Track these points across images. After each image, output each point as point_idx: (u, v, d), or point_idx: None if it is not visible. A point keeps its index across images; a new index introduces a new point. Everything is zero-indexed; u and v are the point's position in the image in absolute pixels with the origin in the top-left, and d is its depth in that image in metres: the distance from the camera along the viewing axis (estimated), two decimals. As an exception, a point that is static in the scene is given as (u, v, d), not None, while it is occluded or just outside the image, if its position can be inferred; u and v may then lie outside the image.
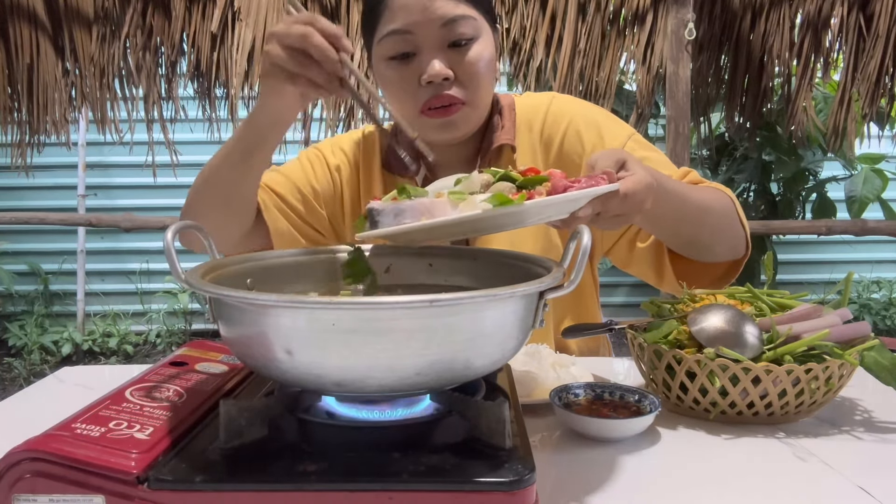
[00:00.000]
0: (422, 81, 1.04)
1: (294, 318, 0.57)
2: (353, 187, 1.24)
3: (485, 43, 1.07)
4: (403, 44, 1.04)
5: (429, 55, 1.03)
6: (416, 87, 1.06)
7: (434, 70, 1.02)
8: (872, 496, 0.68)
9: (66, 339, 4.42)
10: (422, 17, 1.02)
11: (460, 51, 1.04)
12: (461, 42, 1.04)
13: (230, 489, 0.55)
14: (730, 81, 2.96)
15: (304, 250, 0.86)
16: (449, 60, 1.04)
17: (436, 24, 1.02)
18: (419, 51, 1.04)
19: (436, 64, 1.03)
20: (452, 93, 1.05)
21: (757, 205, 4.12)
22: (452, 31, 1.03)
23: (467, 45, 1.04)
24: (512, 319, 0.63)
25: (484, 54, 1.06)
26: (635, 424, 0.81)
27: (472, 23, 1.04)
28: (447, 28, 1.03)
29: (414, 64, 1.05)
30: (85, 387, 1.03)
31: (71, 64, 2.86)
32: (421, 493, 0.54)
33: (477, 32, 1.05)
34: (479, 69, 1.06)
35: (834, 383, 0.85)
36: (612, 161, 0.82)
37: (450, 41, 1.04)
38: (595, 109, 1.21)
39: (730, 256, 1.12)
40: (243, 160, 1.02)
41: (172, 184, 3.71)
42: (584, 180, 0.76)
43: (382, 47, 1.06)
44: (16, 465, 0.56)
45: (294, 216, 1.21)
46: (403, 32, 1.03)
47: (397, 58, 1.05)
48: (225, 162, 1.04)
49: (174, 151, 2.98)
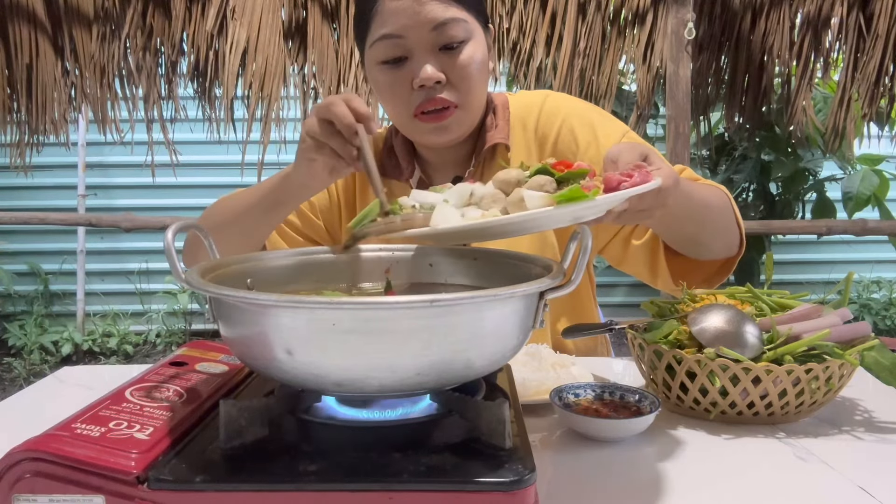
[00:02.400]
0: (414, 85, 1.04)
1: (294, 318, 0.57)
2: (348, 194, 1.25)
3: (476, 44, 1.06)
4: (395, 48, 1.04)
5: (420, 59, 1.03)
6: (408, 91, 1.06)
7: (426, 74, 1.02)
8: (872, 496, 0.68)
9: (66, 339, 4.42)
10: (412, 22, 1.02)
11: (452, 53, 1.04)
12: (452, 45, 1.04)
13: (230, 489, 0.55)
14: (730, 81, 2.96)
15: (304, 250, 0.86)
16: (441, 64, 1.04)
17: (426, 28, 1.02)
18: (411, 55, 1.04)
19: (427, 68, 1.03)
20: (445, 96, 1.05)
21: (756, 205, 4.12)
22: (443, 34, 1.03)
23: (459, 48, 1.04)
24: (512, 319, 0.63)
25: (476, 56, 1.06)
26: (635, 424, 0.81)
27: (464, 25, 1.04)
28: (438, 31, 1.02)
29: (406, 68, 1.05)
30: (85, 387, 1.03)
31: (71, 64, 2.85)
32: (421, 493, 0.54)
33: (468, 34, 1.05)
34: (471, 72, 1.06)
35: (834, 383, 0.85)
36: (637, 155, 0.80)
37: (441, 44, 1.04)
38: (589, 107, 1.20)
39: (725, 254, 1.13)
40: (267, 212, 1.04)
41: (172, 184, 3.73)
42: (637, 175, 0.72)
43: (374, 52, 1.06)
44: (16, 465, 0.56)
45: (291, 231, 1.23)
46: (395, 37, 1.03)
47: (389, 62, 1.05)
48: (250, 211, 1.05)
49: (174, 151, 2.98)
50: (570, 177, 0.72)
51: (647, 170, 0.74)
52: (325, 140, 0.87)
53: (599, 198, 0.67)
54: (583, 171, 0.72)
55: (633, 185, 0.70)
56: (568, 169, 0.73)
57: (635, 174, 0.72)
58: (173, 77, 2.88)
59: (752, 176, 4.01)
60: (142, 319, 4.76)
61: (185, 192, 4.61)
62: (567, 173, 0.72)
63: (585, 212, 0.70)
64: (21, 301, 4.71)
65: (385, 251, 0.87)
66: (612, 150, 0.81)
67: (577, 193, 0.66)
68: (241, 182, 5.22)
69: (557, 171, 0.73)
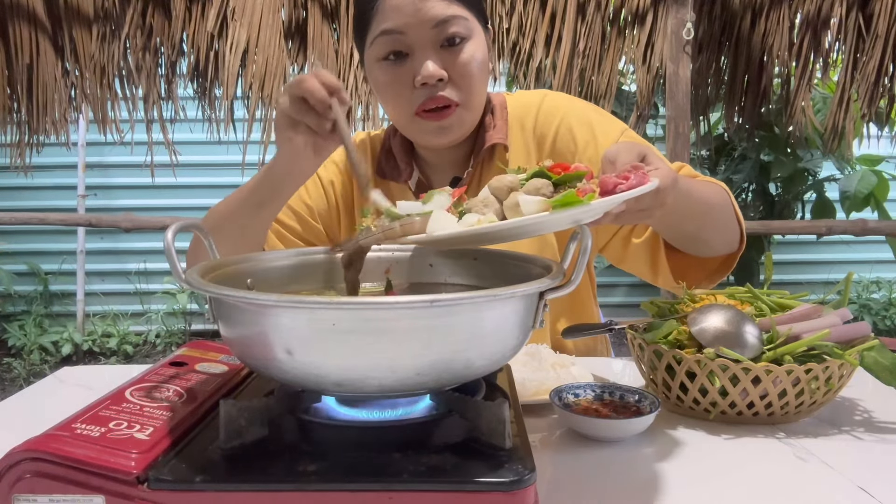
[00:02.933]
0: (416, 83, 1.04)
1: (294, 318, 0.57)
2: (346, 197, 1.25)
3: (477, 43, 1.06)
4: (395, 44, 1.04)
5: (422, 56, 1.03)
6: (410, 89, 1.05)
7: (428, 71, 1.02)
8: (872, 496, 0.68)
9: (66, 340, 4.42)
10: (414, 18, 1.01)
11: (453, 51, 1.04)
12: (454, 42, 1.04)
13: (230, 489, 0.55)
14: (729, 81, 2.96)
15: (304, 250, 0.86)
16: (442, 61, 1.04)
17: (428, 25, 1.02)
18: (412, 52, 1.04)
19: (429, 65, 1.02)
20: (446, 94, 1.05)
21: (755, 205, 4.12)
22: (445, 32, 1.03)
23: (460, 45, 1.04)
24: (512, 319, 0.63)
25: (476, 54, 1.06)
26: (635, 424, 0.81)
27: (465, 23, 1.04)
28: (439, 28, 1.02)
29: (407, 65, 1.05)
30: (85, 387, 1.03)
31: (71, 64, 2.85)
32: (421, 493, 0.54)
33: (469, 32, 1.05)
34: (473, 69, 1.06)
35: (834, 383, 0.85)
36: (635, 155, 0.80)
37: (442, 41, 1.03)
38: (587, 106, 1.20)
39: (725, 251, 1.13)
40: (258, 207, 1.02)
41: (172, 184, 3.73)
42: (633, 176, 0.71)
43: (375, 49, 1.06)
44: (16, 465, 0.56)
45: (291, 236, 1.22)
46: (395, 32, 1.03)
47: (390, 59, 1.05)
48: (241, 208, 1.04)
49: (174, 151, 2.98)
50: (567, 179, 0.71)
51: (645, 171, 0.74)
52: (300, 117, 0.87)
53: (595, 202, 0.67)
54: (580, 174, 0.72)
55: (629, 187, 0.70)
56: (565, 171, 0.72)
57: (632, 176, 0.71)
58: (173, 77, 2.88)
59: (751, 176, 4.01)
60: (142, 320, 4.76)
61: (184, 193, 4.61)
62: (564, 176, 0.72)
63: (581, 216, 0.70)
64: (21, 301, 4.71)
65: (385, 251, 0.87)
66: (610, 150, 0.80)
67: (572, 198, 0.66)
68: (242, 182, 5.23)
69: (554, 174, 0.72)
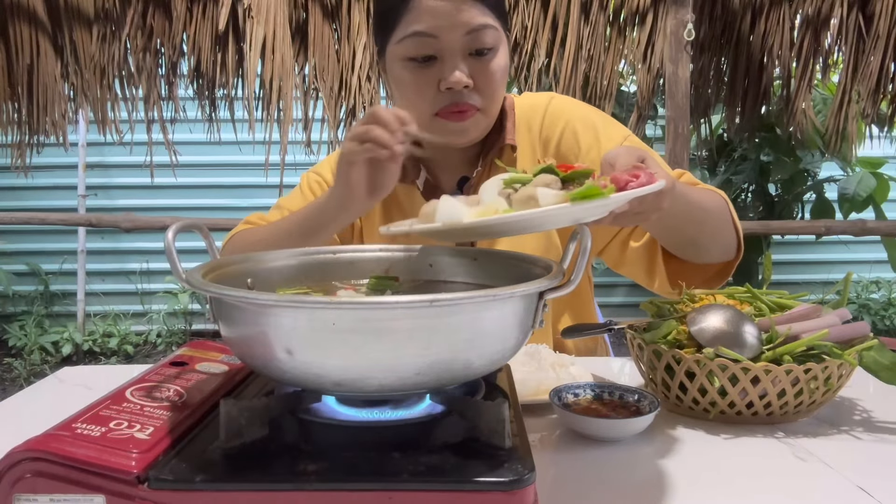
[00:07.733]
0: (441, 87, 1.04)
1: (294, 318, 0.57)
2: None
3: (503, 53, 1.07)
4: (425, 47, 1.03)
5: (451, 62, 1.03)
6: (433, 91, 1.05)
7: (455, 78, 1.02)
8: (872, 496, 0.68)
9: (67, 340, 4.42)
10: (448, 23, 1.01)
11: (482, 60, 1.04)
12: (483, 51, 1.04)
13: (230, 489, 0.55)
14: (729, 82, 2.96)
15: (304, 250, 0.86)
16: (470, 68, 1.04)
17: (461, 31, 1.02)
18: (441, 56, 1.04)
19: (458, 73, 1.03)
20: (469, 100, 1.05)
21: (755, 205, 4.12)
22: (476, 40, 1.03)
23: (489, 55, 1.05)
24: (512, 319, 0.63)
25: (502, 64, 1.07)
26: (635, 424, 0.81)
27: (494, 33, 1.04)
28: (471, 36, 1.02)
29: (434, 68, 1.04)
30: (85, 387, 1.03)
31: (71, 64, 2.85)
32: (421, 493, 0.54)
33: (497, 42, 1.05)
34: (497, 79, 1.06)
35: (833, 383, 0.85)
36: (633, 158, 0.81)
37: (472, 49, 1.04)
38: (592, 111, 1.21)
39: (722, 258, 1.13)
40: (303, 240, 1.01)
41: (172, 184, 3.73)
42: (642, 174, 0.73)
43: (402, 47, 1.05)
44: (16, 465, 0.56)
45: None
46: (428, 35, 1.02)
47: (417, 60, 1.05)
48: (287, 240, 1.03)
49: (174, 152, 2.98)
50: (574, 176, 0.73)
51: (650, 171, 0.75)
52: (369, 138, 0.87)
53: (614, 196, 0.68)
54: (587, 171, 0.73)
55: (639, 185, 0.71)
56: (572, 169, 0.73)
57: (641, 174, 0.73)
58: (173, 78, 2.88)
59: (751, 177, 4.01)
60: (142, 320, 4.76)
61: (184, 193, 4.61)
62: (572, 173, 0.73)
63: (595, 210, 0.71)
64: (21, 301, 4.71)
65: (385, 251, 0.87)
66: (609, 153, 0.82)
67: (594, 191, 0.66)
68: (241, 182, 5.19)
69: (561, 172, 0.74)
